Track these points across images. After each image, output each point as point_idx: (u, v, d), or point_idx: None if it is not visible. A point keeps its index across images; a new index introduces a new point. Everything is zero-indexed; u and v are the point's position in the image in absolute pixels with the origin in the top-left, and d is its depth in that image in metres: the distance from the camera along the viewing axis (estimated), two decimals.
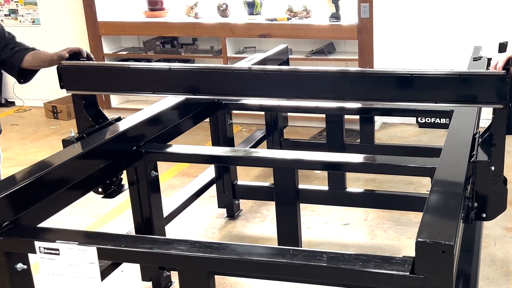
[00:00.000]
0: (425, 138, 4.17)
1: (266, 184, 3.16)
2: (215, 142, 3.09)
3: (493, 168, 1.81)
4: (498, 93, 1.79)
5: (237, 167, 3.20)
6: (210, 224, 3.17)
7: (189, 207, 2.93)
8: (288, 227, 2.48)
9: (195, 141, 4.18)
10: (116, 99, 5.21)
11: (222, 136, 3.06)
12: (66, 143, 2.24)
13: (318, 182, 3.45)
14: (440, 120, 3.90)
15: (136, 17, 5.07)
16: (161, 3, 5.05)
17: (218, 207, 3.22)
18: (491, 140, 1.86)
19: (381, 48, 4.25)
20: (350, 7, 4.23)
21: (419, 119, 4.03)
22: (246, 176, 3.52)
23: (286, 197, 2.43)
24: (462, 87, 1.85)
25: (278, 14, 4.59)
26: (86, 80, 2.31)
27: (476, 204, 1.84)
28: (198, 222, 3.20)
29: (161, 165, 2.53)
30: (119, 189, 2.46)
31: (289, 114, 4.39)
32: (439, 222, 1.47)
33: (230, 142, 3.11)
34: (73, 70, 2.29)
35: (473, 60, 2.66)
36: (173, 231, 2.83)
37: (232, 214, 3.20)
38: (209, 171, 3.19)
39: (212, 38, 4.80)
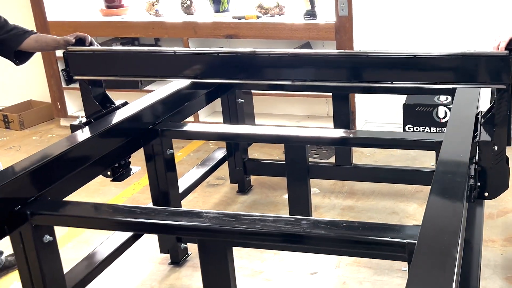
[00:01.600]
0: (413, 153, 3.89)
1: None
2: (226, 121, 3.29)
3: (496, 148, 1.86)
4: (501, 74, 1.82)
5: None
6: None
7: None
8: (300, 200, 2.74)
9: None
10: (73, 107, 4.91)
11: (232, 115, 3.26)
12: (74, 128, 2.26)
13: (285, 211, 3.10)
14: (429, 130, 4.01)
15: (91, 16, 4.74)
16: (119, 0, 4.81)
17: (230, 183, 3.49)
18: (494, 120, 1.89)
19: (362, 49, 3.99)
20: (328, 3, 4.06)
21: (406, 128, 4.03)
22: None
23: (298, 172, 2.70)
24: (464, 68, 1.88)
25: (248, 11, 4.48)
26: (93, 66, 2.34)
27: (478, 183, 1.88)
28: None
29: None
30: (127, 173, 2.51)
31: (266, 123, 4.35)
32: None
33: (241, 121, 3.30)
34: (79, 56, 2.33)
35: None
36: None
37: (244, 189, 3.47)
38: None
39: (176, 39, 4.53)
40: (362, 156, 3.93)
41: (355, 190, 3.43)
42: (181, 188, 2.87)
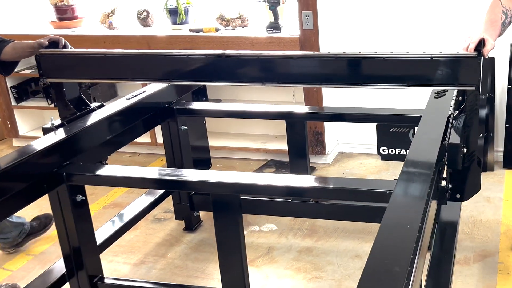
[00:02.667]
0: (387, 175, 3.60)
1: None
2: (168, 154, 2.93)
3: (465, 150, 1.86)
4: (470, 75, 1.81)
5: None
6: None
7: None
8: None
9: None
10: (25, 127, 4.58)
11: (175, 146, 2.90)
12: (46, 131, 2.28)
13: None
14: (405, 152, 3.65)
15: (42, 29, 4.35)
16: (71, 11, 4.42)
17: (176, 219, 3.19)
18: (464, 122, 1.90)
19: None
20: (293, 15, 3.69)
21: (381, 149, 3.74)
22: None
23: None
24: (433, 70, 1.87)
25: (208, 23, 4.12)
26: (65, 68, 2.35)
27: (450, 185, 1.88)
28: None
29: None
30: None
31: (228, 145, 4.00)
32: None
33: (185, 154, 2.92)
34: (51, 59, 2.33)
35: (435, 97, 2.22)
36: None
37: (191, 227, 3.13)
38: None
39: None
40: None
41: (317, 226, 3.05)
42: (118, 226, 2.64)
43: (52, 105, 2.44)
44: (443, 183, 1.80)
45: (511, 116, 3.49)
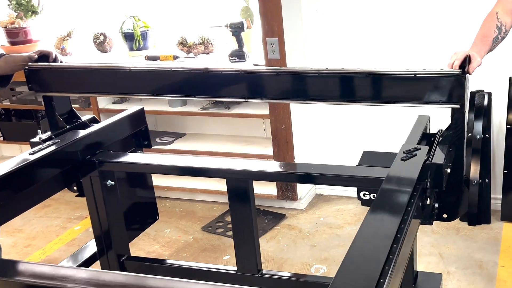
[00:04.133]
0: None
1: None
2: (93, 216, 2.47)
3: (448, 170, 1.81)
4: (454, 93, 1.77)
5: None
6: None
7: None
8: None
9: None
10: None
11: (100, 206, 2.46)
12: (33, 144, 2.27)
13: None
14: None
15: None
16: (24, 34, 4.01)
17: None
18: (449, 141, 1.85)
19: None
20: (259, 41, 3.24)
21: (361, 194, 3.26)
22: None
23: None
24: (417, 87, 1.83)
25: (169, 48, 3.68)
26: (53, 82, 2.34)
27: (437, 205, 1.85)
28: None
29: None
30: None
31: (189, 186, 3.57)
32: None
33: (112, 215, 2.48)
34: (39, 72, 2.33)
35: (402, 159, 1.84)
36: None
37: None
38: None
39: None
40: (298, 237, 3.09)
41: None
42: None
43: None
44: (428, 201, 1.77)
45: (510, 160, 2.98)
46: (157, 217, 2.88)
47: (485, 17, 2.06)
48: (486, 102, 2.89)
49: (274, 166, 2.18)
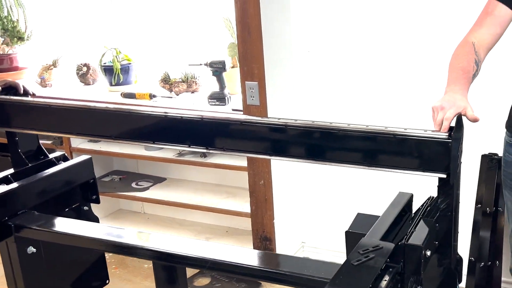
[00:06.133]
0: None
1: None
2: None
3: (428, 253, 1.49)
4: (439, 160, 1.53)
5: None
6: None
7: None
8: None
9: None
10: None
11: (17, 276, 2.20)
12: None
13: None
14: None
15: None
16: (10, 61, 3.80)
17: None
18: (433, 216, 1.57)
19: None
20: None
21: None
22: None
23: None
24: (397, 150, 1.60)
25: (151, 85, 3.38)
26: (15, 117, 2.21)
27: None
28: None
29: None
30: None
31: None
32: None
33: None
34: (1, 105, 2.20)
35: (352, 264, 1.44)
36: None
37: None
38: None
39: None
40: None
41: None
42: None
43: None
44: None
45: None
46: (107, 281, 2.56)
47: (459, 45, 1.76)
48: (497, 167, 2.45)
49: (204, 250, 1.81)
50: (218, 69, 2.94)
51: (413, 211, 1.75)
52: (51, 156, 2.33)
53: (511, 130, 2.00)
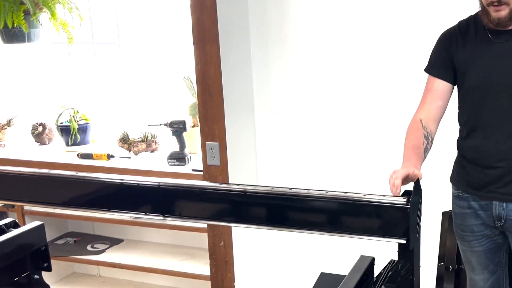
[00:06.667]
0: None
1: None
2: None
3: None
4: (398, 225, 1.51)
5: None
6: None
7: None
8: None
9: None
10: None
11: None
12: None
13: None
14: None
15: None
16: None
17: None
18: (394, 281, 1.56)
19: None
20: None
21: None
22: None
23: None
24: (356, 215, 1.58)
25: (109, 144, 3.32)
26: None
27: None
28: None
29: None
30: None
31: None
32: None
33: None
34: None
35: None
36: None
37: None
38: None
39: None
40: None
41: None
42: None
43: None
44: None
45: None
46: None
47: (409, 125, 1.94)
48: None
49: None
50: (178, 129, 2.92)
51: (376, 274, 1.75)
52: (0, 223, 2.20)
53: (455, 183, 2.09)
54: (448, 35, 1.99)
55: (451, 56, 1.97)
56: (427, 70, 2.03)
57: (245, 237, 2.87)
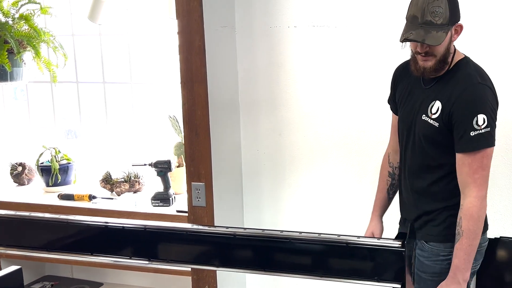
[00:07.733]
0: None
1: None
2: None
3: None
4: (392, 269, 1.50)
5: None
6: None
7: None
8: None
9: None
10: None
11: None
12: None
13: None
14: None
15: None
16: None
17: None
18: None
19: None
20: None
21: None
22: None
23: None
24: (350, 259, 1.57)
25: (91, 185, 3.23)
26: None
27: None
28: None
29: None
30: None
31: None
32: None
33: None
34: None
35: None
36: None
37: None
38: None
39: None
40: None
41: None
42: None
43: None
44: None
45: None
46: None
47: (382, 159, 2.16)
48: None
49: None
50: (163, 169, 2.86)
51: None
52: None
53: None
54: (395, 71, 2.08)
55: (395, 92, 2.07)
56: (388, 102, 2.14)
57: (231, 282, 2.78)
